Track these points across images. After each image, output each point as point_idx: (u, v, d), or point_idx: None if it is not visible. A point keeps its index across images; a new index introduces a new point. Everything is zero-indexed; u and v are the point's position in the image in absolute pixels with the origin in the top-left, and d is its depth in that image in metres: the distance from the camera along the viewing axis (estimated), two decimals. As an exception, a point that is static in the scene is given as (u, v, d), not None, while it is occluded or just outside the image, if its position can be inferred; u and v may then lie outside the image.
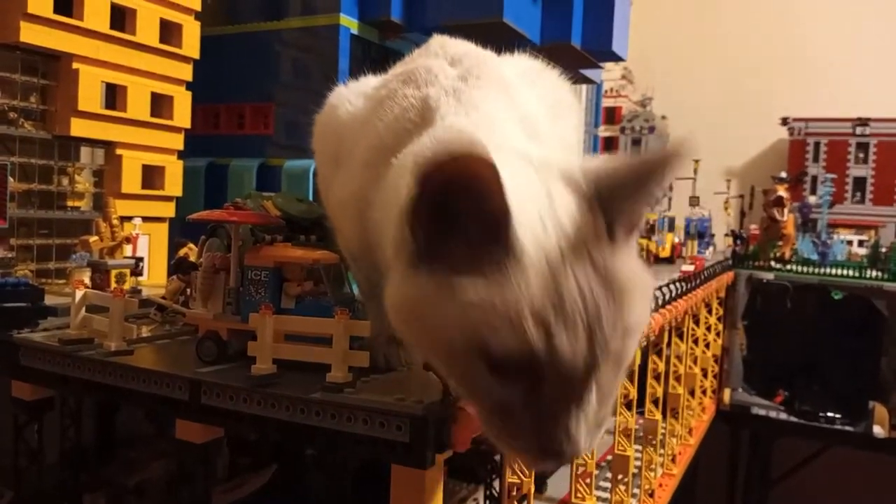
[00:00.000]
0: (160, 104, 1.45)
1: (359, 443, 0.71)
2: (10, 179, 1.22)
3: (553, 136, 0.79)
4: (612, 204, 0.57)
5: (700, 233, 2.63)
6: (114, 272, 1.18)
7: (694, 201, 2.80)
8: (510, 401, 0.56)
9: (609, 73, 3.15)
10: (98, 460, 1.30)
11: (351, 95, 0.88)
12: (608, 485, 1.50)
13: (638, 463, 1.56)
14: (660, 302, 1.44)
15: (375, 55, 1.63)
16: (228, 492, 1.27)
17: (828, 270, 2.52)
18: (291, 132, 1.61)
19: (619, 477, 1.42)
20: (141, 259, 1.30)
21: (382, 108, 0.78)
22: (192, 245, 1.17)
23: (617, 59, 1.92)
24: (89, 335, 0.91)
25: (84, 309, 0.92)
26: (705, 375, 2.24)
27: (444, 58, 0.82)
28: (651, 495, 1.62)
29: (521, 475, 0.93)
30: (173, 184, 1.48)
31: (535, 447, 0.56)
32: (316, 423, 0.72)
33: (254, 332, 0.78)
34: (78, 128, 1.30)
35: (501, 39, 0.95)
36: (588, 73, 2.01)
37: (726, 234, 2.93)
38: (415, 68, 0.80)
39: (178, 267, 1.10)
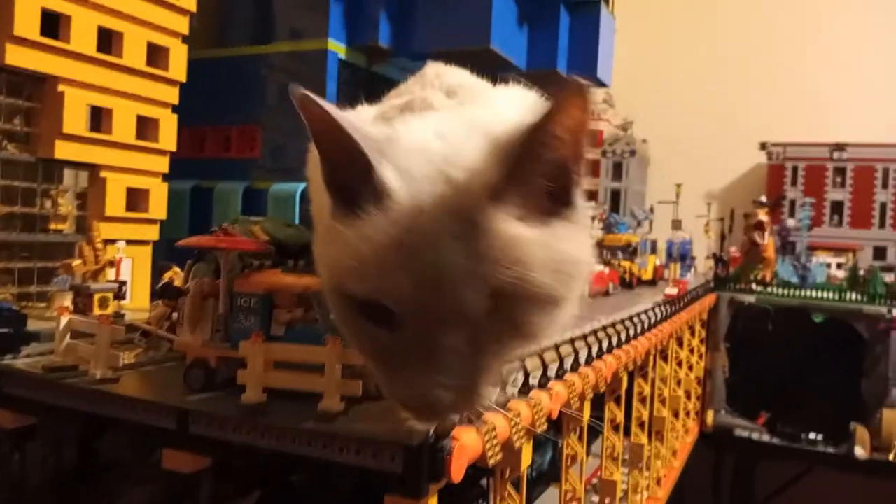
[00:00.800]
0: (146, 127, 1.44)
1: (351, 472, 0.70)
2: (-7, 202, 1.21)
3: None
4: (517, 162, 0.56)
5: (682, 255, 2.65)
6: (97, 296, 1.17)
7: (676, 224, 2.82)
8: (380, 345, 0.59)
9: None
10: (79, 487, 1.28)
11: None
12: (594, 509, 1.49)
13: (624, 486, 1.55)
14: (646, 326, 1.45)
15: (363, 80, 1.64)
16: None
17: (808, 293, 2.55)
18: (278, 155, 1.61)
19: (607, 501, 1.41)
20: (124, 283, 1.29)
21: None
22: (177, 269, 1.16)
23: (601, 85, 1.94)
24: (74, 362, 0.90)
25: (69, 335, 0.91)
26: (689, 397, 2.24)
27: (440, 88, 0.82)
28: (637, 520, 1.61)
29: (513, 501, 0.92)
30: (158, 206, 1.47)
31: (403, 395, 0.59)
32: (307, 452, 0.71)
33: (243, 360, 0.77)
34: (62, 150, 1.29)
35: (489, 66, 0.96)
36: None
37: (707, 257, 2.95)
38: (411, 100, 0.80)
39: (163, 292, 1.09)
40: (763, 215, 2.64)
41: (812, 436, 2.53)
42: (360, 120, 0.63)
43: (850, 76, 3.40)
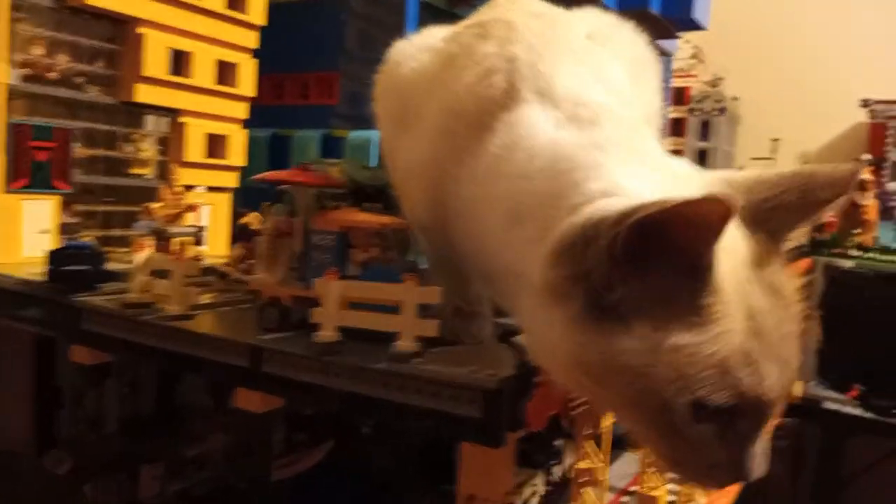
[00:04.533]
0: (226, 72, 1.42)
1: (427, 417, 0.66)
2: (76, 145, 1.22)
3: (637, 101, 0.73)
4: (771, 217, 0.55)
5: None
6: (176, 240, 1.17)
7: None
8: (703, 436, 0.52)
9: (679, 52, 3.04)
10: (157, 431, 1.30)
11: (414, 50, 0.83)
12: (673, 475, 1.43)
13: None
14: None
15: (444, 24, 1.59)
16: (283, 468, 1.25)
17: (912, 260, 2.38)
18: (356, 103, 1.58)
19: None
20: (203, 228, 1.29)
21: (456, 66, 0.73)
22: (256, 214, 1.14)
23: (697, 27, 1.83)
24: (150, 299, 0.89)
25: (146, 273, 0.90)
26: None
27: (519, 13, 0.77)
28: (720, 488, 1.54)
29: (594, 459, 0.88)
30: (237, 153, 1.46)
31: (727, 475, 0.55)
32: (381, 394, 0.68)
33: (317, 300, 0.75)
34: (143, 94, 1.28)
35: (578, 5, 0.89)
36: (664, 44, 1.92)
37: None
38: (491, 20, 0.75)
39: (241, 234, 1.08)
40: (866, 173, 2.48)
41: (908, 410, 2.38)
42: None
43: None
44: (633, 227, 0.48)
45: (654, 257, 0.50)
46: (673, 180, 0.58)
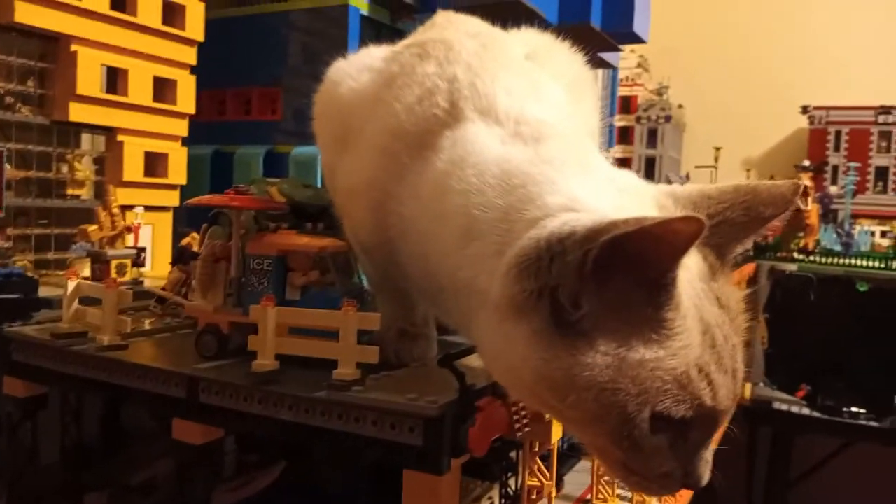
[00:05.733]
0: (163, 89, 1.39)
1: (368, 445, 0.65)
2: (7, 166, 1.18)
3: (578, 118, 0.74)
4: (716, 232, 0.56)
5: (719, 223, 2.56)
6: (114, 263, 1.13)
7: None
8: (658, 446, 0.53)
9: (624, 62, 3.07)
10: (100, 458, 1.26)
11: (353, 70, 0.81)
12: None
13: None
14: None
15: (387, 37, 1.57)
16: (235, 490, 1.22)
17: (852, 262, 2.45)
18: (300, 118, 1.55)
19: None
20: (143, 249, 1.25)
21: (397, 86, 0.72)
22: (195, 234, 1.12)
23: (638, 40, 1.85)
24: (83, 328, 0.86)
25: (77, 301, 0.87)
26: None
27: (458, 33, 0.77)
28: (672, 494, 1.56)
29: (541, 478, 0.88)
30: (177, 171, 1.43)
31: (678, 483, 0.56)
32: (322, 423, 0.67)
33: (256, 326, 0.73)
34: (77, 113, 1.25)
35: (517, 19, 0.89)
36: (608, 56, 1.94)
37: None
38: (430, 40, 0.74)
39: (179, 257, 1.05)
40: (806, 180, 2.53)
41: (854, 409, 2.44)
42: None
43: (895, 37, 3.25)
44: (606, 245, 0.48)
45: (620, 273, 0.50)
46: (624, 194, 0.58)
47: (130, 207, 1.29)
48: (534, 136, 0.63)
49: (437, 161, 0.66)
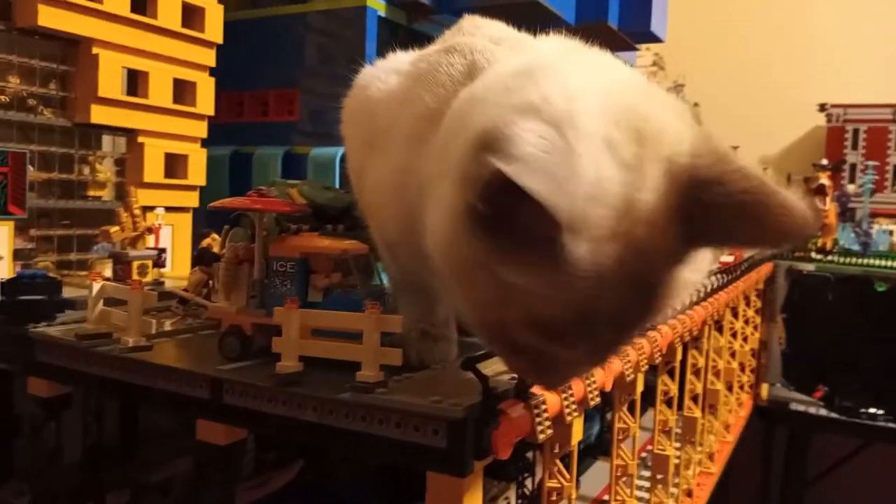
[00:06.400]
0: (183, 91, 1.40)
1: (391, 447, 0.65)
2: (30, 168, 1.19)
3: None
4: (702, 222, 0.51)
5: (737, 222, 2.54)
6: (136, 263, 1.14)
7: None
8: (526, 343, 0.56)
9: (640, 60, 3.06)
10: (121, 458, 1.27)
11: (381, 73, 0.82)
12: (643, 483, 1.44)
13: (676, 461, 1.50)
14: (701, 295, 1.37)
15: (403, 39, 1.58)
16: (253, 489, 1.23)
17: (870, 261, 2.43)
18: (317, 119, 1.56)
19: (659, 476, 1.36)
20: (164, 250, 1.26)
21: (425, 80, 0.73)
22: (215, 235, 1.13)
23: (655, 39, 1.85)
24: (107, 330, 0.87)
25: (102, 302, 0.88)
26: (743, 370, 2.16)
27: (482, 38, 0.77)
28: (689, 495, 1.55)
29: (561, 479, 0.88)
30: (197, 173, 1.44)
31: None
32: (345, 425, 0.67)
33: (279, 327, 0.73)
34: (98, 115, 1.26)
35: (535, 20, 0.89)
36: (623, 55, 1.94)
37: (763, 224, 2.84)
38: (457, 43, 0.74)
39: (200, 258, 1.06)
40: (824, 179, 2.52)
41: (871, 410, 2.43)
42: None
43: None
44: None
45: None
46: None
47: (151, 208, 1.30)
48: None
49: (449, 111, 0.65)
